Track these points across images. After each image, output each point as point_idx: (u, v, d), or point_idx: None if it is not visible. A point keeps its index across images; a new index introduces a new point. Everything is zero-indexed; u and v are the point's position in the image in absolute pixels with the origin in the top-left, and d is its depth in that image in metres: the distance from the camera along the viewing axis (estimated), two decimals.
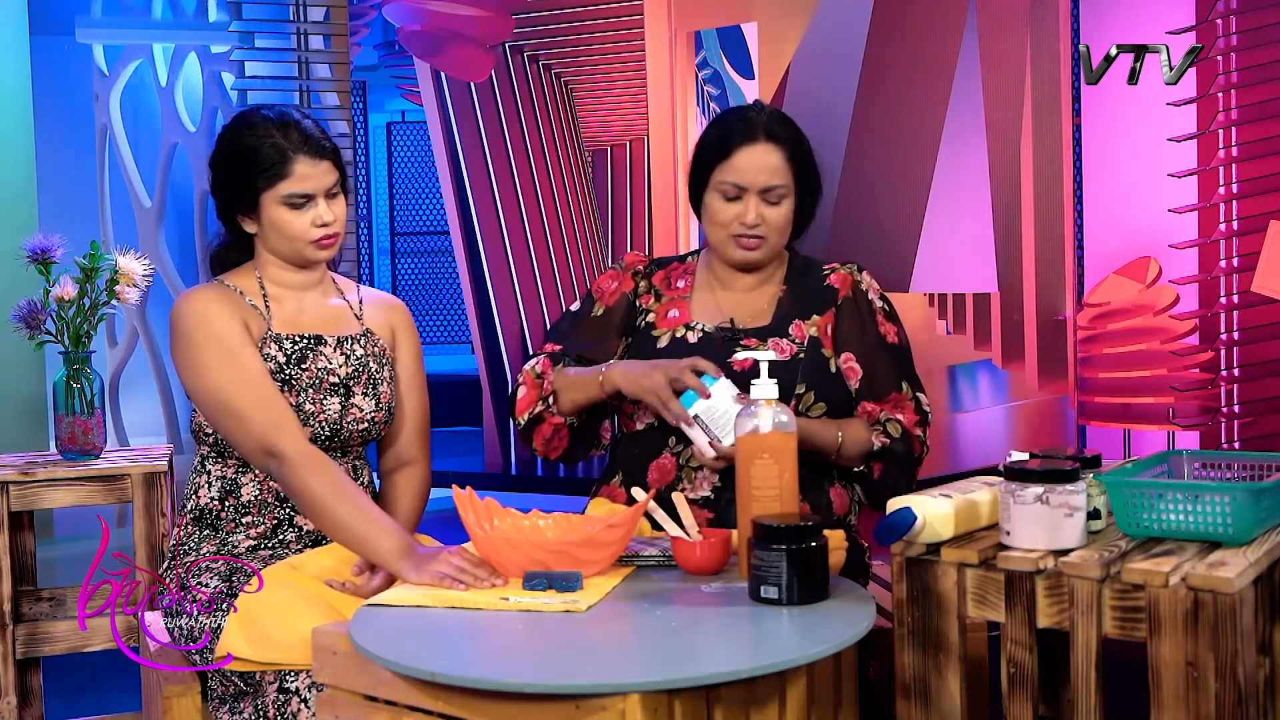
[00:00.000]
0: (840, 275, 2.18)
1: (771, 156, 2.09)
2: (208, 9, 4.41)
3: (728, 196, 2.10)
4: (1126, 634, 1.53)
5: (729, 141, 2.10)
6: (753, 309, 2.17)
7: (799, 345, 2.11)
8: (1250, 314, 3.54)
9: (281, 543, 2.08)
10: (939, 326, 3.89)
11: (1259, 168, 3.50)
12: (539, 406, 2.10)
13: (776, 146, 2.09)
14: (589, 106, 4.50)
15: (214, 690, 1.91)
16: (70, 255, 2.80)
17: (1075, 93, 3.75)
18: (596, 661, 1.48)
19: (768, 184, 2.08)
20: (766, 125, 2.10)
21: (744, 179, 2.08)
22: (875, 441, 2.08)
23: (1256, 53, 3.49)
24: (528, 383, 2.13)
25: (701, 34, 4.13)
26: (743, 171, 2.08)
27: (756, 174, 2.08)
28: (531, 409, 2.11)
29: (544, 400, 2.10)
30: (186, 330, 2.04)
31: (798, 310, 2.15)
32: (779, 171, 2.09)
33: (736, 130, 2.11)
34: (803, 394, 2.07)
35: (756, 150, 2.09)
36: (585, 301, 2.25)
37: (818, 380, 2.09)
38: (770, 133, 2.10)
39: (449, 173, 4.78)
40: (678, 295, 2.20)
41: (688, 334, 2.14)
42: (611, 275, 2.25)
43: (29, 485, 2.71)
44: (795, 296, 2.17)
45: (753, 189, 2.08)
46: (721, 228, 2.11)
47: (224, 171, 2.10)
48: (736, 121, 2.12)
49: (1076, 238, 3.81)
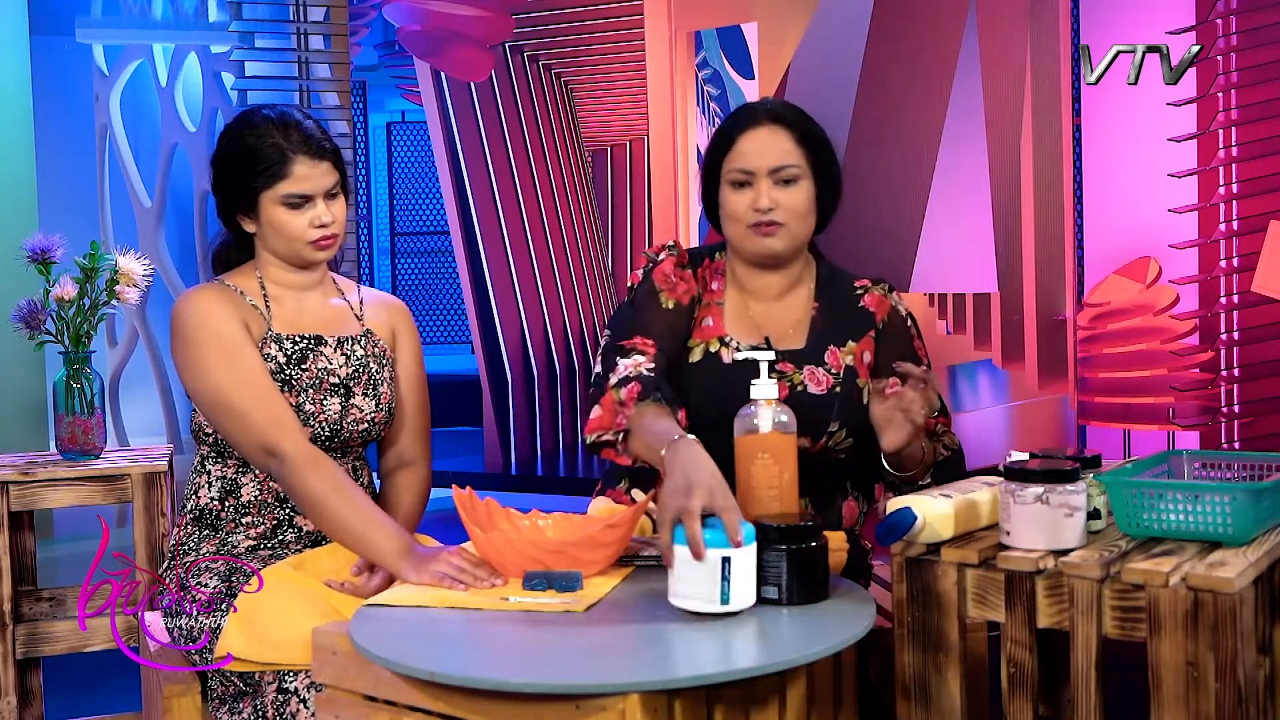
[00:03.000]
0: (875, 297, 2.11)
1: (777, 137, 2.01)
2: (208, 9, 4.41)
3: (738, 184, 2.02)
4: (1126, 634, 1.53)
5: (733, 131, 2.04)
6: (785, 322, 2.08)
7: (835, 376, 2.04)
8: (1250, 314, 3.54)
9: (281, 543, 2.08)
10: (939, 326, 3.89)
11: (1259, 168, 3.50)
12: (608, 435, 1.90)
13: (782, 127, 2.02)
14: (589, 106, 4.50)
15: (214, 690, 1.91)
16: (70, 255, 2.80)
17: (1075, 93, 3.75)
18: (596, 661, 1.48)
19: (777, 164, 2.00)
20: (770, 110, 2.05)
21: (750, 162, 2.00)
22: (939, 453, 2.05)
23: (1256, 53, 3.49)
24: (606, 406, 1.90)
25: (701, 34, 4.13)
26: (748, 155, 2.01)
27: (764, 154, 2.00)
28: (600, 433, 1.90)
29: (614, 432, 1.89)
30: (187, 330, 2.04)
31: (832, 335, 2.07)
32: (788, 152, 2.01)
33: (739, 119, 2.05)
34: (835, 431, 2.01)
35: (760, 132, 2.02)
36: (649, 289, 2.04)
37: (852, 418, 2.02)
38: (774, 115, 2.03)
39: (449, 173, 4.78)
40: (712, 300, 2.09)
41: (722, 351, 2.04)
42: (674, 268, 2.06)
43: (29, 485, 2.71)
44: (828, 317, 2.09)
45: (761, 171, 2.00)
46: (737, 220, 2.02)
47: (224, 171, 2.10)
48: (739, 112, 2.07)
49: (1076, 238, 3.81)
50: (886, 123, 3.81)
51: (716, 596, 1.55)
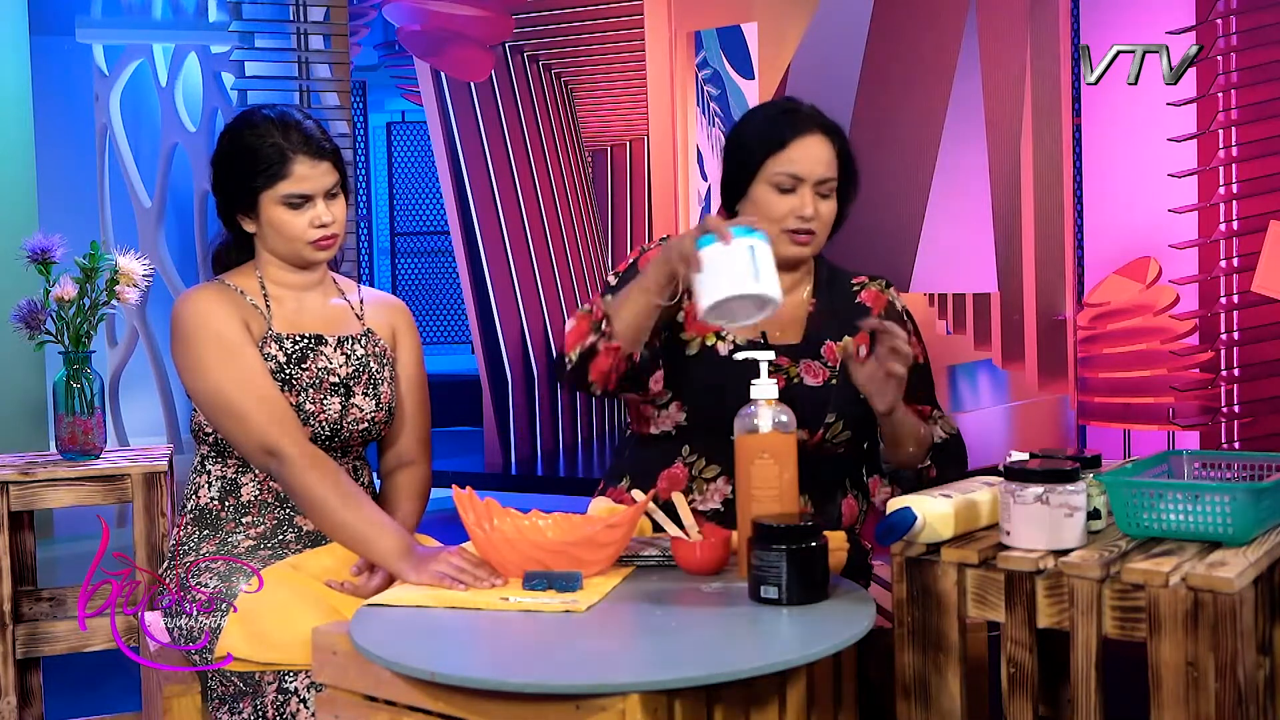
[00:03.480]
0: (872, 293, 2.14)
1: (826, 149, 2.04)
2: (208, 9, 4.41)
3: (782, 188, 2.03)
4: (1126, 634, 1.53)
5: (784, 132, 2.03)
6: (784, 319, 2.09)
7: (830, 369, 2.06)
8: (1250, 314, 3.54)
9: (281, 543, 2.08)
10: (939, 326, 3.90)
11: (1259, 168, 3.50)
12: (591, 337, 1.90)
13: (830, 139, 2.05)
14: (589, 106, 4.50)
15: (214, 690, 1.91)
16: (70, 255, 2.80)
17: (1075, 93, 3.76)
18: (596, 661, 1.48)
19: (824, 175, 2.03)
20: (820, 118, 2.06)
21: (802, 169, 2.02)
22: (937, 436, 2.06)
23: (1256, 53, 3.49)
24: (578, 317, 1.95)
25: (701, 34, 4.13)
26: (800, 162, 2.02)
27: (815, 164, 2.02)
28: (582, 341, 1.90)
29: (596, 328, 1.90)
30: (187, 330, 2.04)
31: (829, 329, 2.09)
32: (832, 164, 2.04)
33: (790, 121, 2.05)
34: (831, 423, 2.03)
35: (812, 141, 2.03)
36: (629, 272, 2.05)
37: (848, 410, 2.03)
38: (825, 126, 2.06)
39: (449, 173, 4.78)
40: None
41: (718, 344, 2.06)
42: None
43: (29, 485, 2.71)
44: (826, 312, 2.11)
45: (809, 180, 2.02)
46: (774, 222, 2.02)
47: (224, 170, 2.10)
48: (786, 113, 2.07)
49: (1076, 238, 3.81)
50: (886, 123, 3.81)
51: (750, 274, 1.67)
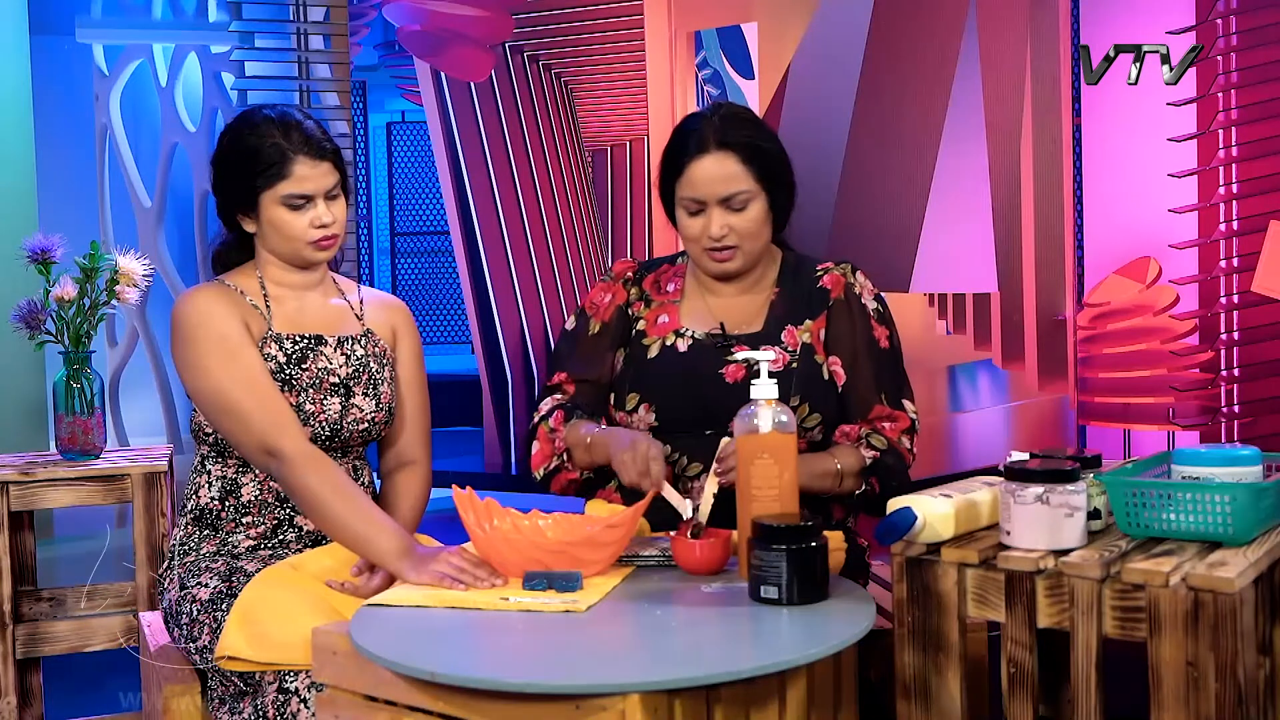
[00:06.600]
0: (833, 276, 2.13)
1: (725, 165, 2.02)
2: (208, 9, 4.41)
3: (690, 212, 2.05)
4: (1126, 634, 1.53)
5: (681, 157, 2.04)
6: (745, 313, 2.12)
7: (791, 353, 2.07)
8: (1250, 314, 3.55)
9: (281, 543, 2.08)
10: (939, 326, 3.89)
11: (1259, 168, 3.51)
12: (554, 462, 2.10)
13: (729, 153, 2.02)
14: (589, 106, 4.50)
15: (214, 690, 1.91)
16: (70, 255, 2.80)
17: (1075, 93, 3.76)
18: (596, 661, 1.48)
19: (726, 193, 2.01)
20: (717, 132, 2.03)
21: (702, 192, 2.02)
22: (866, 457, 2.04)
23: (1256, 53, 3.49)
24: (541, 439, 2.11)
25: (701, 34, 4.13)
26: (699, 184, 2.02)
27: (713, 185, 2.02)
28: (547, 464, 2.11)
29: (558, 456, 2.09)
30: (187, 330, 2.04)
31: (790, 315, 2.11)
32: (736, 178, 2.02)
33: (687, 143, 2.05)
34: (796, 406, 2.03)
35: (707, 162, 2.02)
36: (580, 319, 2.20)
37: (812, 391, 2.05)
38: (721, 140, 2.02)
39: (449, 173, 4.78)
40: (668, 300, 2.15)
41: (678, 341, 2.10)
42: (603, 288, 2.20)
43: (29, 485, 2.71)
44: (788, 300, 2.12)
45: (712, 200, 2.02)
46: (693, 242, 2.07)
47: (224, 170, 2.10)
48: (687, 134, 2.06)
49: (1076, 238, 3.81)
50: (886, 123, 3.81)
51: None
